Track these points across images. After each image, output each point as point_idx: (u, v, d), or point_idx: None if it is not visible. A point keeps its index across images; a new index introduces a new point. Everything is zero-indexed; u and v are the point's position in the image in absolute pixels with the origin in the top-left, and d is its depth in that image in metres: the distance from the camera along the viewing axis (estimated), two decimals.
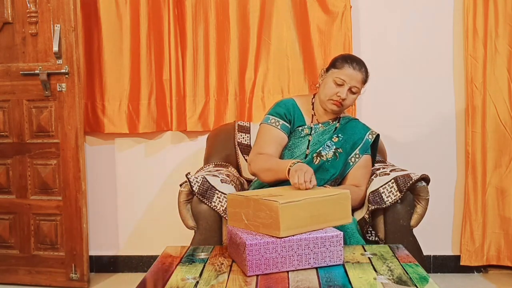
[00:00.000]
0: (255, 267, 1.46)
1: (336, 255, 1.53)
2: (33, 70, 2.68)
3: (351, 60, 2.10)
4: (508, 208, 2.77)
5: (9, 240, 2.81)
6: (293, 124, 2.15)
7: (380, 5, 2.84)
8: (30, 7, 2.67)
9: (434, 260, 2.90)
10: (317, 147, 2.12)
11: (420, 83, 2.85)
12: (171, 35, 2.79)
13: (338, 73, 2.07)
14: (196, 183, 2.00)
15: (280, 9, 2.78)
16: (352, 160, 2.14)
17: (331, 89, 2.07)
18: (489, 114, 2.75)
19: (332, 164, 2.11)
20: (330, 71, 2.12)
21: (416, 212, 2.05)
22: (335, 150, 2.12)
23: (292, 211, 1.53)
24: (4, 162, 2.79)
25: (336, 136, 2.15)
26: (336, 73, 2.08)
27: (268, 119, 2.15)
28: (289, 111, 2.15)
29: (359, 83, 2.08)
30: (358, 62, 2.10)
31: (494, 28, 2.71)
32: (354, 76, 2.06)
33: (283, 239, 1.48)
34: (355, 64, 2.07)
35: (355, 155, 2.14)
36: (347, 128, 2.18)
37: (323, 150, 2.11)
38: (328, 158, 2.10)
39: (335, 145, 2.13)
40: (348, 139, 2.15)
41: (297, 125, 2.15)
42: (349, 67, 2.06)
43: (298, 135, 2.14)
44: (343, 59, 2.11)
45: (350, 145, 2.14)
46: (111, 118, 2.85)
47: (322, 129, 2.16)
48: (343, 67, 2.07)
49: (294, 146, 2.13)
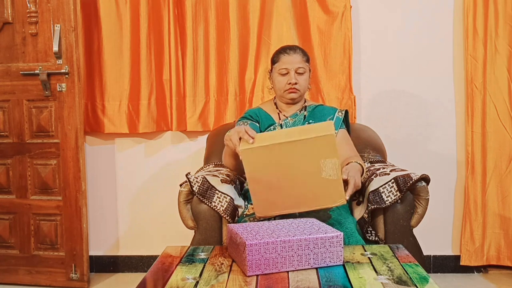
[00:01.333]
0: (255, 267, 1.46)
1: (336, 255, 1.53)
2: (33, 70, 2.68)
3: (284, 48, 2.22)
4: (508, 208, 2.77)
5: (9, 240, 2.81)
6: (262, 124, 2.22)
7: (380, 5, 2.84)
8: (30, 7, 2.67)
9: (434, 260, 2.90)
10: None
11: (420, 83, 2.85)
12: (171, 35, 2.79)
13: (279, 65, 2.18)
14: (196, 183, 2.00)
15: (280, 9, 2.79)
16: None
17: (280, 81, 2.19)
18: (489, 114, 2.75)
19: None
20: (273, 69, 2.24)
21: (416, 212, 2.05)
22: None
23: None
24: (4, 162, 2.79)
25: (308, 123, 2.20)
26: (278, 66, 2.19)
27: (237, 124, 2.24)
28: (255, 114, 2.26)
29: (301, 63, 2.17)
30: (291, 47, 2.22)
31: (494, 28, 2.71)
32: (292, 59, 2.16)
33: (283, 240, 1.48)
34: (288, 50, 2.19)
35: None
36: (316, 112, 2.25)
37: None
38: None
39: None
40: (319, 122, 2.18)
41: (267, 125, 2.22)
42: (284, 55, 2.18)
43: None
44: (277, 52, 2.24)
45: None
46: (111, 118, 2.85)
47: (292, 121, 2.23)
48: (280, 58, 2.19)
49: None
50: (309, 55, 2.25)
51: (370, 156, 2.46)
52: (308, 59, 2.23)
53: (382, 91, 2.86)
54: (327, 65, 2.80)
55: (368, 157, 2.45)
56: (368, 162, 2.42)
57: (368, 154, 2.46)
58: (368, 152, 2.46)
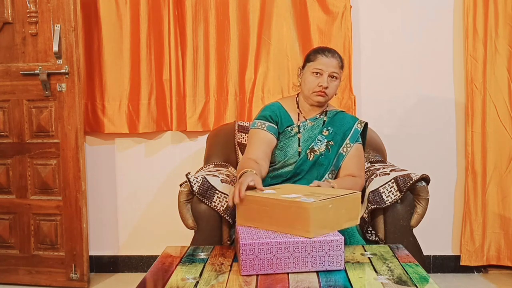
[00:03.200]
0: (249, 267, 1.46)
1: (336, 260, 1.50)
2: (33, 70, 2.68)
3: (322, 50, 2.16)
4: (508, 208, 2.77)
5: (9, 240, 2.81)
6: (281, 125, 2.17)
7: (380, 5, 2.84)
8: (30, 7, 2.67)
9: (434, 260, 2.90)
10: (309, 143, 2.13)
11: (420, 83, 2.85)
12: (171, 35, 2.79)
13: (314, 65, 2.11)
14: (196, 183, 2.00)
15: (280, 9, 2.79)
16: (344, 150, 2.15)
17: (312, 82, 2.11)
18: (489, 114, 2.75)
19: (326, 157, 2.12)
20: (306, 66, 2.17)
21: (416, 212, 2.05)
22: (327, 143, 2.13)
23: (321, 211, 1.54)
24: (4, 162, 2.79)
25: (326, 130, 2.16)
26: (312, 65, 2.12)
27: (254, 123, 2.18)
28: (274, 113, 2.18)
29: (336, 68, 2.11)
30: (330, 50, 2.15)
31: (494, 28, 2.71)
32: (330, 63, 2.10)
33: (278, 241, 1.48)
34: (327, 52, 2.13)
35: (346, 145, 2.15)
36: (336, 120, 2.19)
37: (315, 145, 2.13)
38: (321, 152, 2.12)
39: (326, 139, 2.14)
40: (338, 130, 2.16)
41: (286, 126, 2.17)
42: (322, 56, 2.11)
43: (288, 134, 2.15)
44: (315, 51, 2.17)
45: (340, 136, 2.15)
46: (111, 118, 2.85)
47: (311, 125, 2.17)
48: (317, 58, 2.12)
49: (286, 146, 2.14)
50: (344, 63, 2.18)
51: (370, 156, 2.46)
52: (343, 66, 2.16)
53: (382, 91, 2.86)
54: None
55: (368, 157, 2.45)
56: (368, 162, 2.42)
57: (368, 154, 2.46)
58: (368, 152, 2.46)
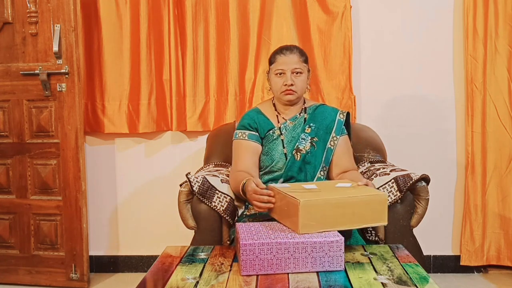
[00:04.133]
0: (249, 267, 1.46)
1: (336, 260, 1.51)
2: (33, 70, 2.68)
3: (281, 49, 2.18)
4: (508, 208, 2.77)
5: (9, 240, 2.81)
6: (261, 130, 2.17)
7: (380, 5, 2.84)
8: (30, 7, 2.67)
9: (434, 260, 2.90)
10: (294, 143, 2.13)
11: (420, 83, 2.85)
12: (171, 35, 2.79)
13: (275, 66, 2.14)
14: (197, 183, 2.00)
15: (280, 9, 2.79)
16: (331, 144, 2.14)
17: (277, 83, 2.14)
18: (489, 114, 2.75)
19: (313, 154, 2.12)
20: (270, 69, 2.19)
21: (416, 212, 2.05)
22: (311, 140, 2.13)
23: (312, 209, 1.57)
24: (4, 162, 2.79)
25: (308, 127, 2.16)
26: (274, 67, 2.15)
27: (236, 134, 2.20)
28: (253, 120, 2.19)
29: (297, 63, 2.12)
30: (288, 48, 2.17)
31: (494, 28, 2.71)
32: (289, 60, 2.12)
33: (279, 242, 1.48)
34: (285, 50, 2.15)
35: (333, 138, 2.15)
36: (316, 115, 2.19)
37: (300, 144, 2.12)
38: (307, 150, 2.11)
39: (310, 136, 2.14)
40: (320, 125, 2.16)
41: (267, 130, 2.17)
42: (281, 55, 2.14)
43: (271, 138, 2.15)
44: (274, 52, 2.19)
45: (323, 131, 2.15)
46: (111, 118, 2.85)
47: (292, 125, 2.17)
48: (276, 59, 2.15)
49: (271, 150, 2.14)
50: (307, 55, 2.21)
51: (370, 156, 2.46)
52: (306, 59, 2.17)
53: (382, 91, 2.86)
54: (327, 65, 2.79)
55: (368, 157, 2.45)
56: (368, 162, 2.42)
57: (368, 154, 2.46)
58: (368, 152, 2.46)
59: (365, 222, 1.66)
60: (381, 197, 1.68)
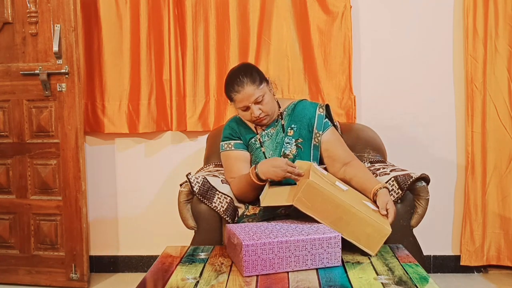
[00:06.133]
0: (251, 267, 1.46)
1: (334, 256, 1.53)
2: (33, 70, 2.68)
3: (232, 85, 2.02)
4: (508, 208, 2.77)
5: (9, 240, 2.81)
6: (244, 138, 2.15)
7: (380, 5, 2.84)
8: (30, 7, 2.67)
9: (434, 260, 2.90)
10: (279, 149, 2.10)
11: (420, 83, 2.84)
12: (171, 35, 2.79)
13: (236, 104, 2.04)
14: (197, 184, 2.00)
15: (280, 9, 2.78)
16: (316, 141, 2.10)
17: (245, 115, 2.07)
18: (489, 114, 2.75)
19: (301, 157, 2.09)
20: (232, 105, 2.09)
21: (416, 212, 2.05)
22: (296, 143, 2.11)
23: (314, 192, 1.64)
24: (4, 162, 2.79)
25: (290, 129, 2.12)
26: (236, 105, 2.05)
27: (222, 146, 2.18)
28: (233, 130, 2.17)
29: (256, 92, 2.00)
30: (238, 82, 2.00)
31: (494, 28, 2.71)
32: (246, 95, 1.99)
33: (280, 241, 1.48)
34: (237, 87, 2.00)
35: (316, 135, 2.10)
36: (295, 114, 2.14)
37: (285, 149, 2.10)
38: (293, 154, 2.09)
39: (294, 138, 2.11)
40: (301, 125, 2.12)
41: (248, 138, 2.15)
42: (236, 94, 2.01)
43: (254, 147, 2.14)
44: (227, 90, 2.05)
45: (306, 129, 2.11)
46: (111, 118, 2.85)
47: (273, 131, 2.14)
48: (234, 97, 2.02)
49: (257, 158, 2.12)
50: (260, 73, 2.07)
51: (370, 156, 2.46)
52: (260, 80, 2.02)
53: (382, 91, 2.86)
54: (327, 65, 2.79)
55: (368, 157, 2.45)
56: (368, 162, 2.42)
57: (368, 154, 2.46)
58: (368, 152, 2.46)
59: (357, 240, 1.65)
60: (383, 230, 1.66)
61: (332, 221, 1.65)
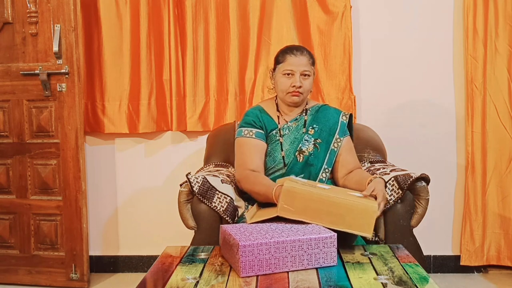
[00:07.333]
0: (248, 268, 1.46)
1: (330, 256, 1.53)
2: (33, 70, 2.68)
3: (290, 49, 2.14)
4: (508, 208, 2.77)
5: (9, 240, 2.81)
6: (265, 129, 2.15)
7: (380, 5, 2.84)
8: (30, 7, 2.67)
9: (434, 260, 2.90)
10: (296, 145, 2.12)
11: (420, 83, 2.85)
12: (171, 35, 2.79)
13: (284, 66, 2.10)
14: (197, 183, 2.00)
15: (280, 9, 2.78)
16: (335, 146, 2.13)
17: (284, 83, 2.10)
18: (489, 114, 2.75)
19: (315, 156, 2.11)
20: (276, 68, 2.15)
21: (416, 212, 2.05)
22: (314, 142, 2.12)
23: (293, 196, 1.65)
24: (4, 162, 2.79)
25: (312, 128, 2.14)
26: (282, 66, 2.10)
27: (241, 132, 2.15)
28: (257, 118, 2.16)
29: (307, 66, 2.10)
30: (298, 48, 2.14)
31: (494, 28, 2.71)
32: (299, 61, 2.08)
33: (276, 241, 1.48)
34: (295, 51, 2.11)
35: (336, 140, 2.14)
36: (319, 116, 2.17)
37: (303, 145, 2.11)
38: (310, 152, 2.10)
39: (313, 137, 2.13)
40: (323, 127, 2.15)
41: (270, 130, 2.15)
42: (291, 56, 2.09)
43: (273, 139, 2.14)
44: (283, 51, 2.15)
45: (327, 133, 2.14)
46: (111, 118, 2.85)
47: (295, 125, 2.16)
48: (286, 59, 2.10)
49: (274, 151, 2.13)
50: (315, 58, 2.19)
51: (370, 156, 2.46)
52: (313, 62, 2.15)
53: (382, 91, 2.86)
54: (327, 65, 2.80)
55: (368, 157, 2.45)
56: (368, 162, 2.42)
57: (368, 154, 2.46)
58: (368, 152, 2.46)
59: (349, 228, 1.67)
60: (369, 209, 1.68)
61: (322, 218, 1.66)
